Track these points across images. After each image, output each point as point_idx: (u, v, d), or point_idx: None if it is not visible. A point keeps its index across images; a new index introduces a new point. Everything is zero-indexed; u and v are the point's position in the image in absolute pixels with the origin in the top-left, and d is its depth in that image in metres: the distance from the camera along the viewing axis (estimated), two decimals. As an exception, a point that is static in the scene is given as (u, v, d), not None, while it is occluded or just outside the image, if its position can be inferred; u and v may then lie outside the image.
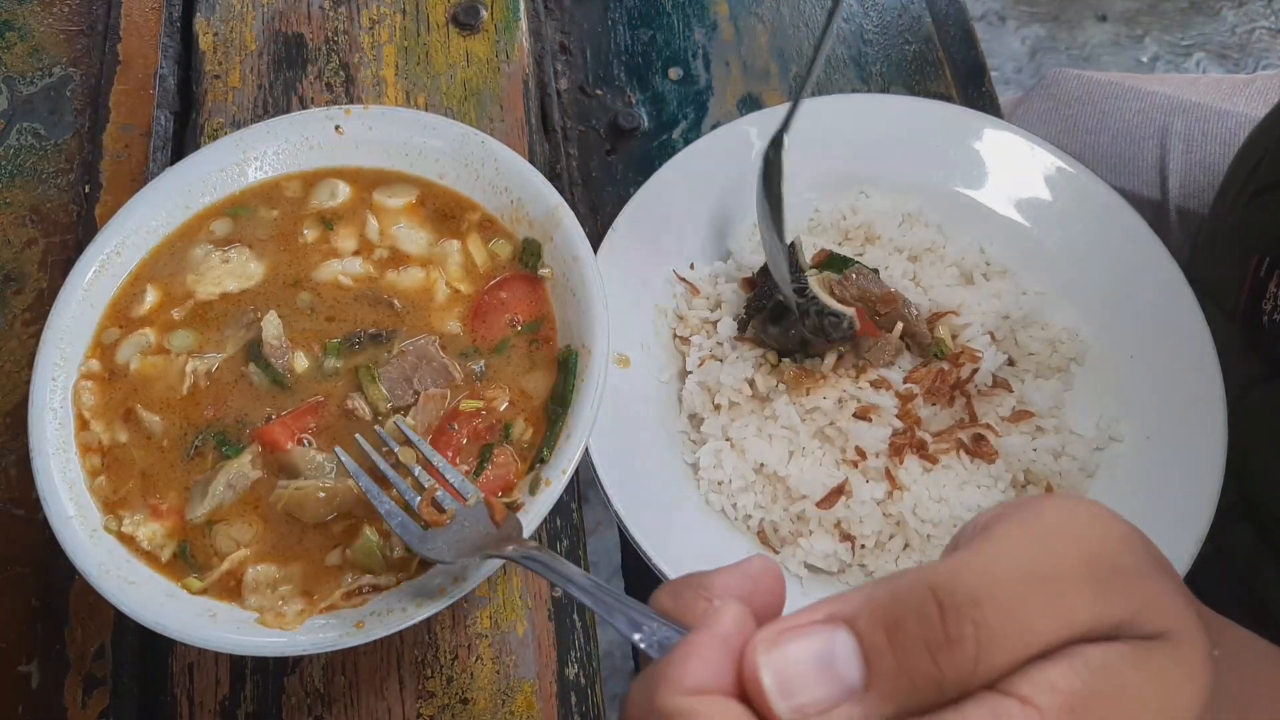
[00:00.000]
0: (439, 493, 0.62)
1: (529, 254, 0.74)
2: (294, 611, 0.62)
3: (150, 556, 0.65)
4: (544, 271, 0.73)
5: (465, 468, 0.67)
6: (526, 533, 0.62)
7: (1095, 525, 0.36)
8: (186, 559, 0.65)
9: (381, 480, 0.64)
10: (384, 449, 0.66)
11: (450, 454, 0.67)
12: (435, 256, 0.75)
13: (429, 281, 0.73)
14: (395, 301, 0.72)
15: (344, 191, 0.77)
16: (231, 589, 0.64)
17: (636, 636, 0.40)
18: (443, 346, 0.71)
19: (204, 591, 0.64)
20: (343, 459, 0.65)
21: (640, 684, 0.35)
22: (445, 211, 0.76)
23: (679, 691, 0.33)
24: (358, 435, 0.67)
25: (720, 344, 0.85)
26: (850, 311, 0.79)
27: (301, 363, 0.69)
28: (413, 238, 0.75)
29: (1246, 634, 0.48)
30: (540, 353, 0.71)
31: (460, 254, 0.74)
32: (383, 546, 0.64)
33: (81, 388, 0.69)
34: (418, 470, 0.65)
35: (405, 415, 0.68)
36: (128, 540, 0.65)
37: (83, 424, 0.69)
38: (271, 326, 0.70)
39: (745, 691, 0.34)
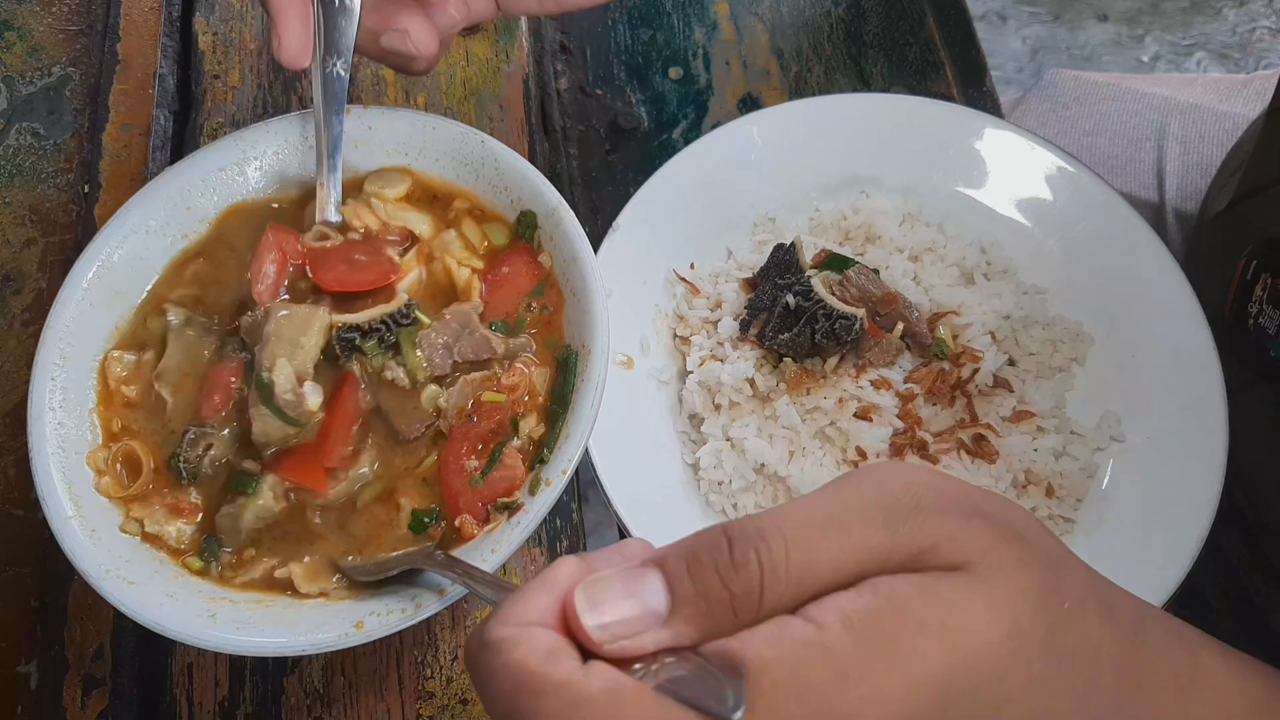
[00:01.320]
0: None
1: (524, 226, 0.74)
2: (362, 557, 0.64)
3: (177, 553, 0.66)
4: (544, 243, 0.73)
5: (476, 464, 0.67)
6: (526, 534, 0.62)
7: (898, 476, 0.39)
8: (212, 555, 0.65)
9: None
10: None
11: (466, 446, 0.67)
12: (436, 246, 0.75)
13: (445, 264, 0.73)
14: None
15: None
16: (284, 583, 0.65)
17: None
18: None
19: (248, 586, 0.65)
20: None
21: (481, 623, 0.40)
22: (433, 199, 0.77)
23: (505, 622, 0.37)
24: None
25: (721, 344, 0.85)
26: (860, 313, 0.79)
27: (315, 398, 0.67)
28: (418, 221, 0.75)
29: (1190, 634, 0.48)
30: (552, 320, 0.72)
31: (459, 239, 0.75)
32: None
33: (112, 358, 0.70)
34: None
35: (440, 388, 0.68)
36: (153, 540, 0.65)
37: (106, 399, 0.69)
38: (284, 379, 0.66)
39: (568, 628, 0.38)
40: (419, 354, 0.68)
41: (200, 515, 0.67)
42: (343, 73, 0.71)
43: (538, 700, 0.35)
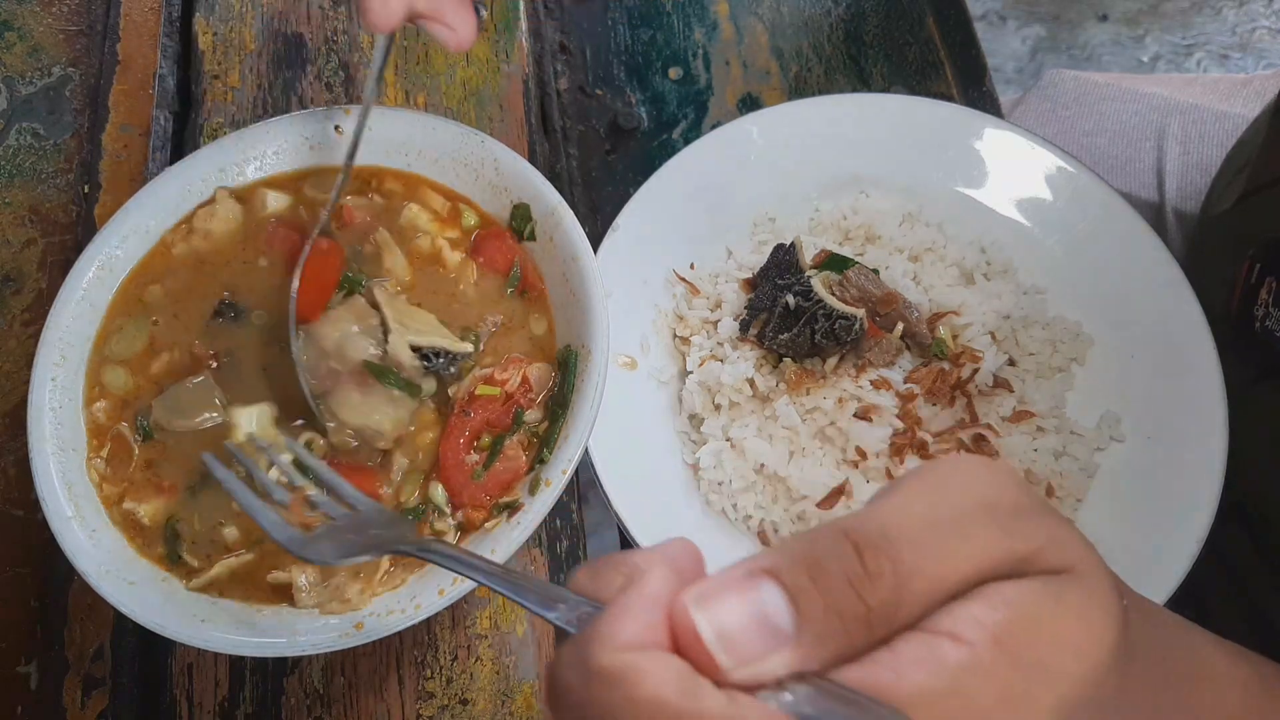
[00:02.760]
0: (310, 493, 0.60)
1: (519, 219, 0.74)
2: (355, 592, 0.62)
3: (148, 547, 0.65)
4: (543, 242, 0.74)
5: (476, 459, 0.67)
6: (526, 534, 0.62)
7: (990, 474, 0.37)
8: (172, 553, 0.65)
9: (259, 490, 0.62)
10: (260, 458, 0.65)
11: (464, 441, 0.67)
12: (405, 225, 0.76)
13: (435, 247, 0.74)
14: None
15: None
16: (281, 592, 0.64)
17: (553, 615, 0.38)
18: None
19: (246, 599, 0.64)
20: (216, 472, 0.61)
21: (570, 648, 0.34)
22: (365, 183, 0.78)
23: (617, 648, 0.32)
24: (228, 443, 0.65)
25: (721, 344, 0.85)
26: (860, 313, 0.79)
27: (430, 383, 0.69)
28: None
29: (1187, 626, 0.49)
30: (533, 301, 0.73)
31: (422, 211, 0.76)
32: None
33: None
34: (294, 479, 0.63)
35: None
36: (127, 518, 0.65)
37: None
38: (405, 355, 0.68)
39: (679, 648, 0.33)
40: None
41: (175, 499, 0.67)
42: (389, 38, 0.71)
43: None
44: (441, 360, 0.69)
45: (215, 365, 0.70)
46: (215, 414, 0.68)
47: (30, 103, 0.97)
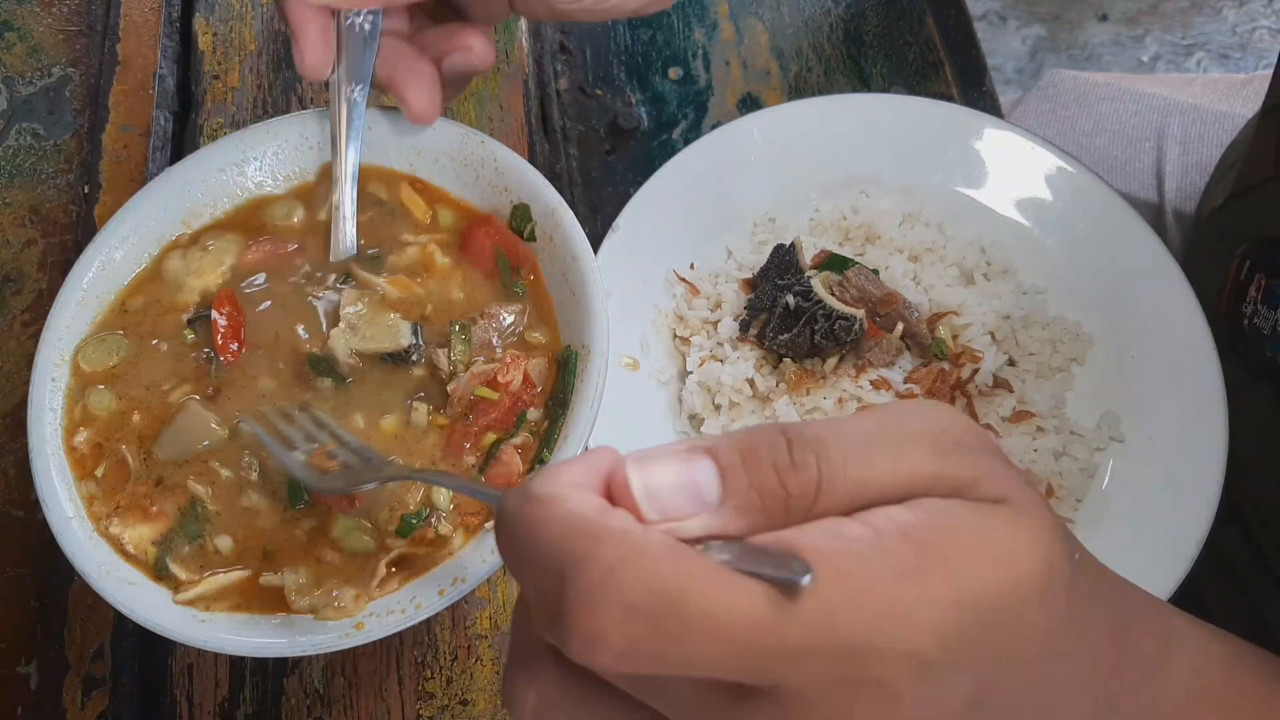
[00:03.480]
0: (332, 448, 0.64)
1: (519, 219, 0.74)
2: (350, 598, 0.62)
3: (138, 561, 0.65)
4: (543, 242, 0.73)
5: (473, 461, 0.67)
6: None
7: (942, 412, 0.39)
8: (161, 566, 0.65)
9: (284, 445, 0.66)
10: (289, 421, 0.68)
11: (468, 445, 0.67)
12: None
13: (425, 253, 0.74)
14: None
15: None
16: (274, 597, 0.64)
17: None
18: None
19: (237, 608, 0.64)
20: (248, 427, 0.66)
21: (519, 485, 0.38)
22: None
23: (551, 481, 0.36)
24: (264, 409, 0.68)
25: (720, 344, 0.85)
26: (860, 313, 0.79)
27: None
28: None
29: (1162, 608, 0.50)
30: (528, 280, 0.73)
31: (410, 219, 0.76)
32: (358, 524, 0.65)
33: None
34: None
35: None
36: (114, 541, 0.65)
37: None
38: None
39: (611, 499, 0.37)
40: (469, 349, 0.70)
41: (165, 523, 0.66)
42: (360, 100, 0.70)
43: (593, 546, 0.33)
44: (394, 358, 0.69)
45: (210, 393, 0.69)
46: (209, 440, 0.68)
47: (30, 103, 0.97)
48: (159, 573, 0.64)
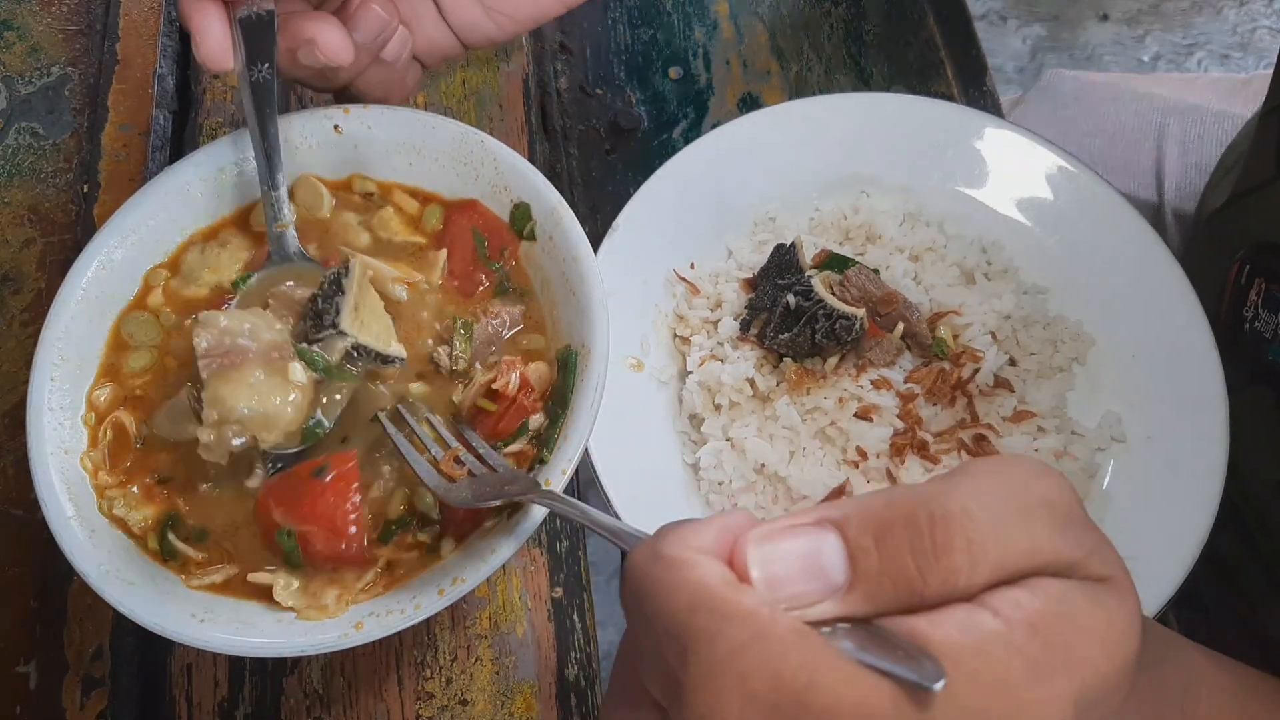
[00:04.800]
0: (462, 453, 0.65)
1: (519, 219, 0.74)
2: (332, 598, 0.62)
3: (144, 545, 0.65)
4: (536, 232, 0.73)
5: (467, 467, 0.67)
6: (526, 534, 0.62)
7: (1051, 477, 0.38)
8: (167, 550, 0.65)
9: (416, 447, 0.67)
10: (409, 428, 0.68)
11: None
12: (377, 225, 0.76)
13: (429, 262, 0.74)
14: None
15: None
16: (261, 591, 0.64)
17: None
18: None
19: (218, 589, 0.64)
20: (387, 428, 0.66)
21: (649, 541, 0.37)
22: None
23: (680, 545, 0.35)
24: (388, 412, 0.68)
25: (721, 344, 0.84)
26: (860, 313, 0.79)
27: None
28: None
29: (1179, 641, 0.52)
30: (513, 277, 0.73)
31: (396, 215, 0.76)
32: None
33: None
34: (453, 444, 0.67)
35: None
36: (119, 522, 0.65)
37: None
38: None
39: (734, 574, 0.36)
40: (472, 346, 0.71)
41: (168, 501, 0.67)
42: (269, 77, 0.69)
43: (721, 623, 0.33)
44: (362, 360, 0.67)
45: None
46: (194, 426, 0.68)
47: (30, 102, 0.97)
48: (165, 555, 0.65)
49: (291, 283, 0.69)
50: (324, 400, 0.67)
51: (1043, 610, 0.34)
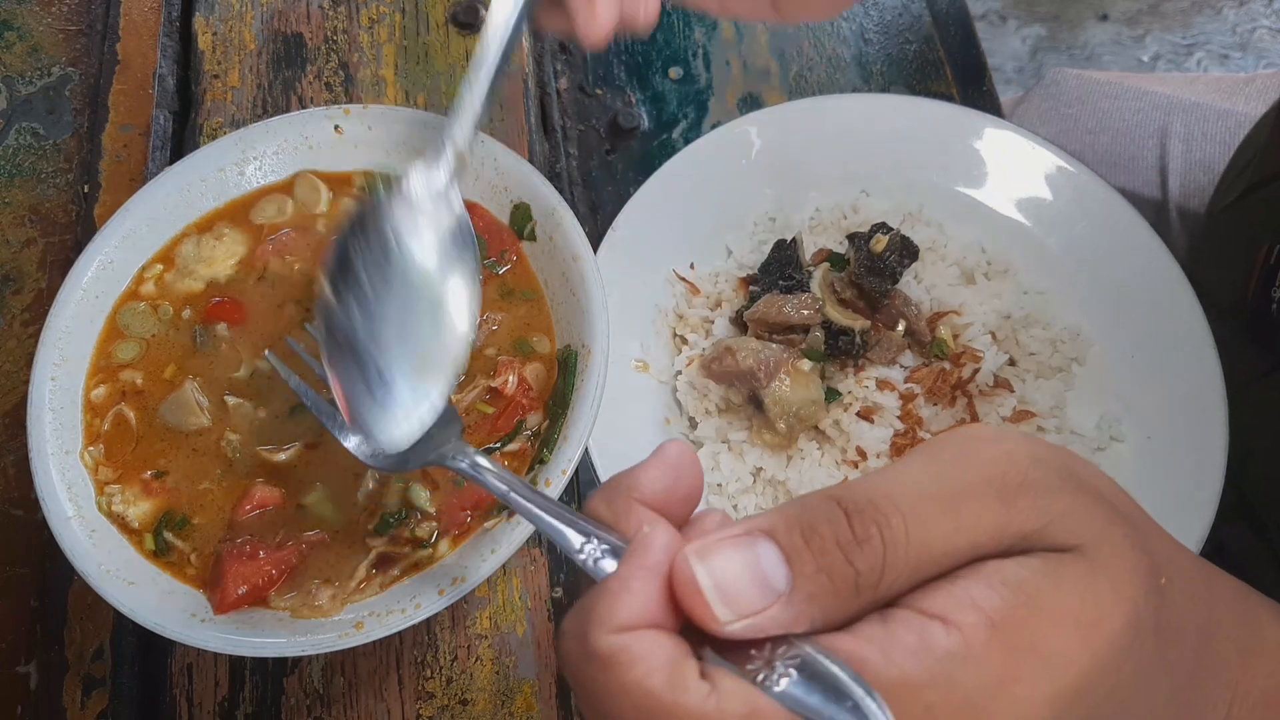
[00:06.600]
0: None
1: (519, 219, 0.74)
2: (326, 598, 0.62)
3: (140, 538, 0.66)
4: (536, 232, 0.73)
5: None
6: (526, 533, 0.62)
7: (1001, 446, 0.37)
8: (161, 548, 0.65)
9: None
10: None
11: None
12: None
13: None
14: None
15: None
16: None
17: (580, 557, 0.41)
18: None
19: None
20: (276, 366, 0.64)
21: (573, 620, 0.36)
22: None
23: (610, 630, 0.34)
24: (288, 339, 0.67)
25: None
26: (860, 325, 0.79)
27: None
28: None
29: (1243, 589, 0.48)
30: (513, 278, 0.72)
31: None
32: (330, 495, 0.66)
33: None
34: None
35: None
36: (117, 519, 0.65)
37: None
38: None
39: (678, 602, 0.35)
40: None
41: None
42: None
43: None
44: None
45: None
46: (203, 418, 0.68)
47: (30, 102, 0.97)
48: (159, 551, 0.65)
49: None
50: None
51: (1000, 605, 0.33)
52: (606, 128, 1.00)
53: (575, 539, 0.41)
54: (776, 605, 0.34)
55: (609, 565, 0.39)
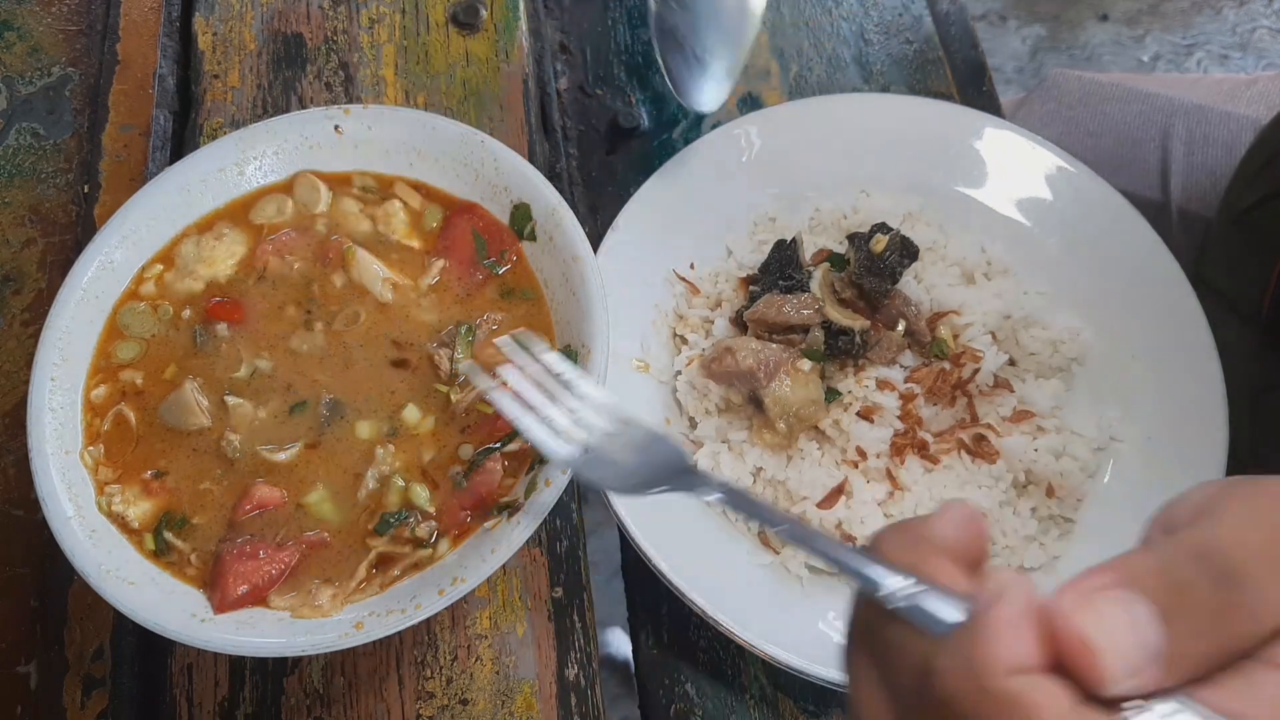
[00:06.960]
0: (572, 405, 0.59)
1: (519, 219, 0.74)
2: (327, 598, 0.62)
3: (140, 538, 0.66)
4: (535, 233, 0.74)
5: (458, 469, 0.67)
6: (526, 534, 0.62)
7: None
8: (161, 547, 0.65)
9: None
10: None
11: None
12: (380, 217, 0.76)
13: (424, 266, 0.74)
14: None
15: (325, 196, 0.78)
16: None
17: (884, 595, 0.39)
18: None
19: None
20: (480, 384, 0.66)
21: (957, 657, 0.36)
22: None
23: (1008, 671, 0.34)
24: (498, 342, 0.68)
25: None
26: (859, 325, 0.79)
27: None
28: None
29: None
30: (513, 277, 0.73)
31: (403, 209, 0.76)
32: (330, 495, 0.66)
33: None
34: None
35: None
36: (117, 519, 0.65)
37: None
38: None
39: (1061, 657, 0.35)
40: (471, 348, 0.71)
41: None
42: None
43: None
44: None
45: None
46: (203, 418, 0.68)
47: (30, 103, 0.97)
48: (159, 551, 0.65)
49: None
50: None
51: None
52: (606, 128, 1.00)
53: (885, 575, 0.40)
54: (1154, 666, 0.34)
55: (938, 607, 0.38)
